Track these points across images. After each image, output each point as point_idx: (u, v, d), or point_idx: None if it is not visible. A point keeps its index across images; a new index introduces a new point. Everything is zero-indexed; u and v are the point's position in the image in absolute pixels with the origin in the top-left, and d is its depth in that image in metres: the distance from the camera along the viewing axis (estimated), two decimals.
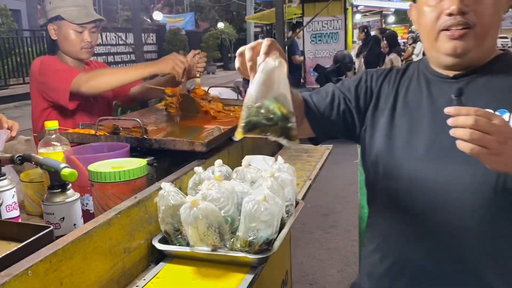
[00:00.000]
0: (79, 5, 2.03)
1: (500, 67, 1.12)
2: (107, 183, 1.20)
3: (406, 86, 1.21)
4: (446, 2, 1.05)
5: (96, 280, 0.95)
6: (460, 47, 1.06)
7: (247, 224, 1.08)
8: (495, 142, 0.86)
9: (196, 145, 1.46)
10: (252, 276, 1.06)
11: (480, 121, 0.85)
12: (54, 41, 2.07)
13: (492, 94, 1.08)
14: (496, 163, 0.90)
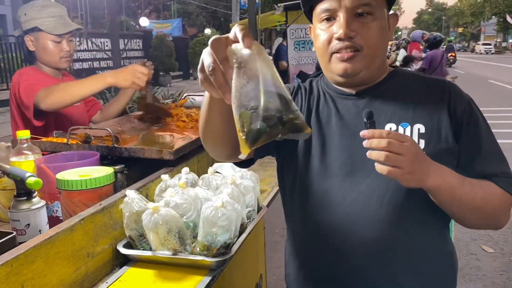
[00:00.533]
0: (55, 15, 2.06)
1: (395, 83, 1.17)
2: (74, 191, 1.25)
3: (315, 104, 1.22)
4: (335, 26, 1.09)
5: (58, 283, 1.01)
6: (350, 69, 1.10)
7: (205, 229, 1.14)
8: (407, 162, 0.93)
9: (164, 153, 1.52)
10: (210, 278, 1.12)
11: (392, 143, 0.92)
12: (31, 52, 2.09)
13: (392, 109, 1.13)
14: (411, 181, 0.96)
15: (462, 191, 1.04)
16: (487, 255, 3.60)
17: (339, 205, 1.12)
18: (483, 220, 1.12)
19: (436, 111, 1.12)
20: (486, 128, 1.15)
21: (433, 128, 1.10)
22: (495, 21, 55.58)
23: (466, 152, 1.11)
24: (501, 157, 1.14)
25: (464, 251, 3.66)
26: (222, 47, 0.75)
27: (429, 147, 1.09)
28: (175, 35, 23.23)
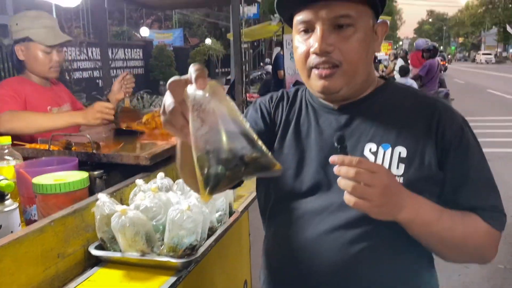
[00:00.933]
0: (47, 26, 2.12)
1: (381, 99, 1.09)
2: (49, 195, 1.30)
3: (296, 115, 1.15)
4: (312, 39, 1.00)
5: (27, 281, 1.05)
6: (329, 86, 1.02)
7: (171, 231, 1.19)
8: (376, 195, 0.86)
9: (140, 159, 1.57)
10: (176, 278, 1.17)
11: (361, 173, 0.85)
12: (21, 61, 2.14)
13: (375, 128, 1.05)
14: (379, 214, 0.90)
15: (440, 226, 0.96)
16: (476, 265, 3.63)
17: (308, 223, 1.05)
18: (464, 256, 1.05)
19: (422, 134, 1.02)
20: (477, 156, 1.05)
21: (416, 152, 1.01)
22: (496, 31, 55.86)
23: (451, 181, 1.02)
24: (491, 188, 1.05)
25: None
26: (180, 88, 0.72)
27: (408, 173, 1.00)
28: (176, 45, 23.39)
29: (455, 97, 13.53)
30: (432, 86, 8.38)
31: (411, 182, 0.98)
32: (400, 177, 1.00)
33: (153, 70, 18.13)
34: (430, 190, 1.00)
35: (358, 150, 1.04)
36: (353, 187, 0.85)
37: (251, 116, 1.18)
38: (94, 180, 1.58)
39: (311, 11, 0.99)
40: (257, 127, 1.14)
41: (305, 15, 1.00)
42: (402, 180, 0.99)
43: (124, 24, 22.69)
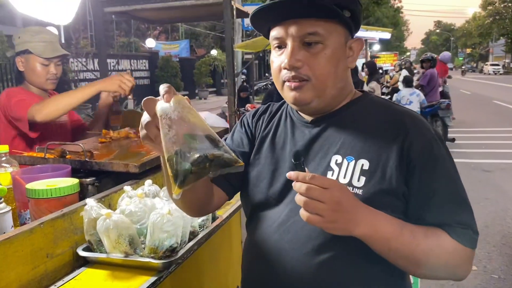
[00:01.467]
0: (46, 41, 2.24)
1: (353, 112, 1.11)
2: (41, 199, 1.39)
3: (274, 127, 1.20)
4: (283, 55, 1.05)
5: (16, 278, 1.14)
6: (299, 98, 1.06)
7: (152, 233, 1.27)
8: (328, 210, 0.88)
9: (130, 166, 1.66)
10: (156, 278, 1.25)
11: (312, 189, 0.87)
12: (21, 72, 2.26)
13: (342, 140, 1.07)
14: (333, 230, 0.91)
15: (400, 242, 0.96)
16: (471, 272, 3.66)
17: (275, 232, 1.09)
18: (431, 272, 1.02)
19: (387, 147, 1.03)
20: (447, 172, 1.03)
21: (378, 166, 1.02)
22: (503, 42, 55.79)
23: (417, 196, 1.02)
24: (460, 204, 1.03)
25: None
26: (152, 104, 0.85)
27: (368, 185, 1.01)
28: (183, 56, 23.69)
29: (461, 108, 13.56)
30: (434, 96, 8.45)
31: (370, 195, 0.99)
32: (359, 189, 1.01)
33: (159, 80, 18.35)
34: (391, 204, 1.00)
35: (326, 161, 1.07)
36: (305, 202, 0.88)
37: (237, 132, 1.26)
38: (87, 187, 1.67)
39: (282, 28, 1.04)
40: (242, 142, 1.22)
41: (277, 32, 1.05)
42: (362, 192, 1.00)
43: (131, 35, 22.98)
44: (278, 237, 1.08)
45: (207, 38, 30.23)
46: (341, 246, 1.01)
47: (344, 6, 1.02)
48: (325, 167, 1.06)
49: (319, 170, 1.06)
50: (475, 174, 6.62)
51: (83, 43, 13.70)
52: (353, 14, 1.04)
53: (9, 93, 2.18)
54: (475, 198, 5.42)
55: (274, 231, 1.09)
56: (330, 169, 1.05)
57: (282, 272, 1.06)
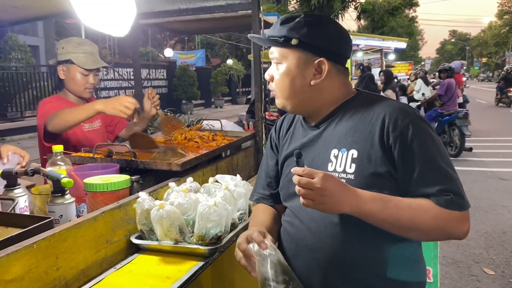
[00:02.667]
0: (87, 52, 2.40)
1: (346, 111, 1.31)
2: (97, 192, 1.55)
3: (291, 134, 1.45)
4: None
5: (83, 260, 1.29)
6: (277, 104, 1.38)
7: (200, 223, 1.41)
8: (316, 195, 1.10)
9: (172, 165, 1.81)
10: (203, 263, 1.39)
11: (301, 180, 1.10)
12: (61, 80, 2.42)
13: (337, 136, 1.28)
14: (324, 210, 1.13)
15: (385, 214, 1.14)
16: (487, 277, 3.72)
17: (298, 218, 1.31)
18: (425, 236, 1.24)
19: (370, 135, 1.22)
20: (427, 147, 1.18)
21: (364, 152, 1.21)
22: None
23: (402, 174, 1.18)
24: (442, 175, 1.17)
25: (465, 273, 3.78)
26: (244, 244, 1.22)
27: (358, 170, 1.21)
28: (199, 65, 24.01)
29: (477, 118, 13.51)
30: (452, 105, 8.49)
31: (360, 178, 1.19)
32: (351, 174, 1.21)
33: (176, 89, 18.64)
34: (379, 184, 1.19)
35: (327, 155, 1.29)
36: (299, 191, 1.11)
37: (270, 156, 1.52)
38: (132, 184, 1.83)
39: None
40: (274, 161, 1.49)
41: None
42: (353, 177, 1.21)
43: (149, 45, 23.39)
44: (301, 222, 1.30)
45: (222, 47, 30.59)
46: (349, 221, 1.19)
47: (291, 37, 1.27)
48: (326, 160, 1.28)
49: (321, 163, 1.28)
50: (492, 182, 6.65)
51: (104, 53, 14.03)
52: (302, 41, 1.26)
53: (44, 103, 2.33)
54: (493, 206, 5.48)
55: (297, 218, 1.32)
56: (330, 161, 1.27)
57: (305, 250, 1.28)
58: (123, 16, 1.42)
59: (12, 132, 11.59)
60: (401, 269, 1.24)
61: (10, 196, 1.49)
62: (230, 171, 2.28)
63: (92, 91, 2.49)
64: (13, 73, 12.65)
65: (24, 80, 12.83)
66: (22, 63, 13.54)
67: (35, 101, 13.05)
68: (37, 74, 13.47)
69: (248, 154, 2.59)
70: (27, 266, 1.10)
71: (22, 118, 12.56)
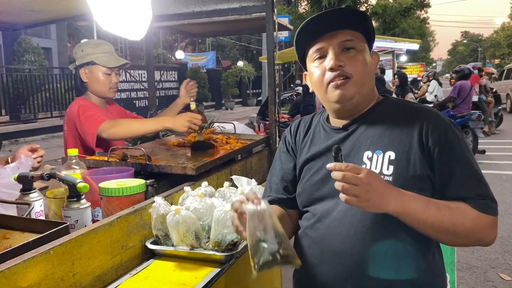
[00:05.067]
0: (107, 51, 2.42)
1: (378, 113, 1.31)
2: (113, 197, 1.54)
3: (311, 138, 1.40)
4: (327, 60, 1.27)
5: (99, 265, 1.27)
6: (344, 94, 1.26)
7: (216, 228, 1.39)
8: (362, 191, 1.04)
9: (187, 169, 1.79)
10: (219, 269, 1.37)
11: (346, 175, 1.04)
12: (83, 83, 2.42)
13: (371, 137, 1.26)
14: (368, 207, 1.08)
15: (427, 215, 1.12)
16: (504, 282, 3.66)
17: (323, 223, 1.27)
18: (458, 240, 1.19)
19: (408, 137, 1.22)
20: (463, 152, 1.20)
21: (403, 154, 1.20)
22: None
23: (440, 177, 1.19)
24: (478, 180, 1.19)
25: (481, 278, 3.72)
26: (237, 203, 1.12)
27: (397, 172, 1.19)
28: (209, 67, 24.08)
29: None
30: (465, 108, 8.40)
31: (399, 180, 1.17)
32: (389, 176, 1.19)
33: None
34: (418, 186, 1.17)
35: (359, 157, 1.26)
36: (342, 186, 1.05)
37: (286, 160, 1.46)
38: (146, 188, 1.81)
39: (323, 40, 1.28)
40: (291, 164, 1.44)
41: (319, 44, 1.29)
42: (392, 179, 1.19)
43: (160, 46, 23.50)
44: (328, 225, 1.26)
45: (232, 49, 30.64)
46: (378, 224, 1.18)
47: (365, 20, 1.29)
48: (359, 162, 1.24)
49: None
50: (508, 185, 6.55)
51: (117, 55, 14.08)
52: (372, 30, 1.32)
53: (82, 106, 2.32)
54: (508, 210, 5.38)
55: (323, 221, 1.28)
56: (363, 164, 1.24)
57: (333, 254, 1.24)
58: (139, 20, 1.42)
59: (25, 133, 11.70)
60: (430, 274, 1.23)
61: (26, 200, 1.49)
62: (244, 175, 2.25)
63: (116, 91, 2.50)
64: (27, 75, 12.77)
65: (37, 82, 12.94)
66: (35, 65, 13.67)
67: (48, 103, 13.18)
68: (50, 76, 13.59)
69: (262, 157, 2.57)
70: (43, 272, 1.09)
71: (35, 120, 12.67)
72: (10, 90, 12.24)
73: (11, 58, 14.09)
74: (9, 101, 12.33)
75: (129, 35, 1.45)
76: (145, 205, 1.51)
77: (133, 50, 22.08)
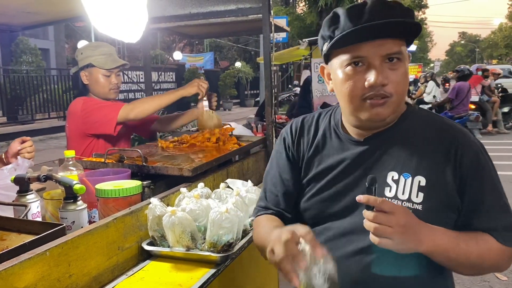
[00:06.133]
0: (105, 53, 2.45)
1: (404, 127, 1.17)
2: (109, 198, 1.54)
3: (321, 145, 1.26)
4: (368, 74, 1.08)
5: (95, 266, 1.28)
6: (381, 114, 1.10)
7: (212, 229, 1.40)
8: (396, 233, 0.96)
9: (184, 170, 1.80)
10: (215, 270, 1.38)
11: (379, 216, 0.96)
12: (85, 86, 2.46)
13: (396, 156, 1.13)
14: (402, 250, 0.99)
15: (457, 252, 1.06)
16: (500, 282, 3.67)
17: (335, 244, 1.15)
18: (480, 272, 1.17)
19: (441, 163, 1.10)
20: (492, 180, 1.12)
21: (435, 181, 1.09)
22: None
23: (468, 205, 1.11)
24: (505, 210, 1.12)
25: (478, 278, 3.73)
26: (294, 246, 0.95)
27: (427, 201, 1.08)
28: (207, 68, 24.08)
29: None
30: (463, 109, 8.45)
31: (430, 210, 1.08)
32: (419, 204, 1.09)
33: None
34: (448, 216, 1.11)
35: (382, 177, 1.12)
36: (374, 228, 0.97)
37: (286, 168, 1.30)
38: (143, 189, 1.82)
39: (366, 47, 1.08)
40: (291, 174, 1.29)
41: (360, 52, 1.09)
42: (421, 207, 1.09)
43: (158, 47, 23.49)
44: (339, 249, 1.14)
45: (230, 50, 30.66)
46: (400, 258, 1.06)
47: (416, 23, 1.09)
48: (382, 183, 1.12)
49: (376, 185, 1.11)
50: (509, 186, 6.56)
51: None
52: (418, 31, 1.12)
53: (88, 101, 2.35)
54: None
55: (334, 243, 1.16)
56: (387, 185, 1.12)
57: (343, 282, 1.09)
58: (135, 22, 1.43)
59: (22, 134, 11.34)
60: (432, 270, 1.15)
61: (22, 202, 1.49)
62: (241, 176, 2.27)
63: (117, 92, 2.53)
64: (24, 76, 12.76)
65: (35, 83, 12.94)
66: (33, 66, 13.67)
67: (45, 104, 13.16)
68: (48, 77, 13.58)
69: (259, 158, 2.58)
70: (40, 273, 1.09)
71: (33, 121, 12.67)
72: (8, 91, 12.24)
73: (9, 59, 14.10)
74: (7, 102, 12.33)
75: (126, 37, 1.46)
76: (142, 207, 1.52)
77: (131, 51, 22.06)
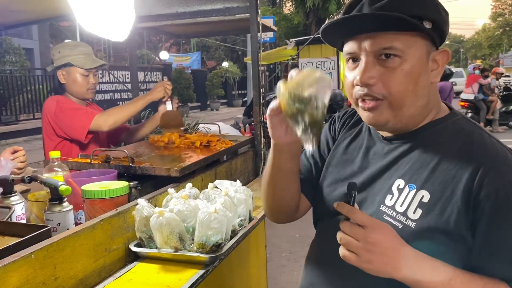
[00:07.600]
0: (84, 53, 2.43)
1: (431, 135, 1.02)
2: (96, 199, 1.52)
3: (354, 135, 1.18)
4: (357, 70, 0.98)
5: (81, 269, 1.26)
6: (373, 119, 0.99)
7: (200, 230, 1.39)
8: (362, 250, 0.84)
9: (171, 171, 1.79)
10: (204, 271, 1.36)
11: (347, 225, 0.85)
12: (62, 85, 2.44)
13: (409, 165, 1.00)
14: (371, 271, 0.87)
15: None
16: None
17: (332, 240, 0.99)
18: None
19: (454, 180, 0.93)
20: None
21: (439, 201, 0.93)
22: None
23: (483, 246, 0.90)
24: None
25: None
26: None
27: (423, 220, 0.93)
28: (194, 68, 23.99)
29: None
30: None
31: (422, 230, 0.93)
32: (413, 222, 0.94)
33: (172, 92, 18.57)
34: (443, 243, 0.92)
35: (389, 183, 1.02)
36: (341, 237, 0.87)
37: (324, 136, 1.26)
38: (130, 190, 1.80)
39: (356, 43, 0.98)
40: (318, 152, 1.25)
41: (350, 47, 1.00)
42: (414, 225, 0.94)
43: (144, 47, 23.33)
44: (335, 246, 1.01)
45: (217, 50, 30.60)
46: None
47: (424, 17, 0.94)
48: (387, 189, 1.02)
49: (380, 190, 1.04)
50: None
51: (99, 56, 13.99)
52: (435, 24, 0.95)
53: (61, 101, 2.34)
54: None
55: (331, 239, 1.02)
56: (391, 193, 1.01)
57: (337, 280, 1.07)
58: (122, 21, 1.41)
59: (6, 135, 11.51)
60: None
61: (6, 204, 1.46)
62: (229, 176, 2.26)
63: (94, 91, 2.52)
64: (8, 76, 12.56)
65: (19, 83, 12.73)
66: (17, 66, 13.47)
67: (29, 104, 12.97)
68: (32, 77, 13.39)
69: (247, 158, 2.57)
70: (24, 276, 1.07)
71: (17, 122, 12.47)
72: None
73: None
74: None
75: (112, 36, 1.45)
76: (129, 208, 1.50)
77: (117, 51, 21.87)
